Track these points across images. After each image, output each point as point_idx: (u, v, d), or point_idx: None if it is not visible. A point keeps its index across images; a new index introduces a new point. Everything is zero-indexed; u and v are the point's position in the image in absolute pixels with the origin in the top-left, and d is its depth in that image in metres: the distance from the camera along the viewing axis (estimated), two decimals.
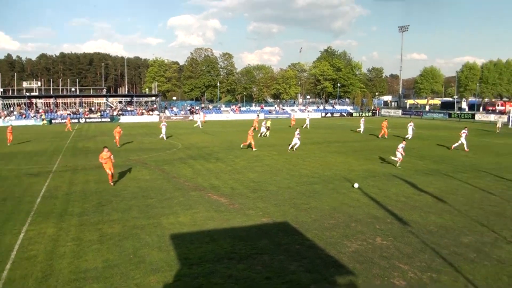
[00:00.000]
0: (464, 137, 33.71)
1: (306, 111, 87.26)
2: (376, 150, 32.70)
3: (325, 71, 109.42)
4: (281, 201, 17.06)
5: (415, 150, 33.35)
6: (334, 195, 18.10)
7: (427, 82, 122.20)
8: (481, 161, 28.23)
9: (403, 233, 13.44)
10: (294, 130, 34.64)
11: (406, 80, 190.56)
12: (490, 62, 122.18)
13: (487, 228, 14.06)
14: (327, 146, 35.42)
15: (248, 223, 14.32)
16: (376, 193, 18.61)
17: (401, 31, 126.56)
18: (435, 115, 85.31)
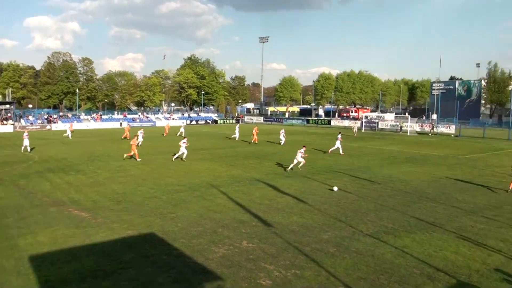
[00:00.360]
0: (339, 142, 36.09)
1: (171, 119, 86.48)
2: (240, 157, 33.54)
3: (189, 79, 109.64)
4: (146, 212, 16.59)
5: (276, 154, 34.90)
6: (201, 202, 18.11)
7: (286, 90, 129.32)
8: (337, 162, 30.53)
9: (267, 234, 13.91)
10: (178, 139, 34.07)
11: (267, 89, 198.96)
12: (344, 72, 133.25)
13: (345, 223, 15.18)
14: (193, 153, 35.38)
15: (112, 237, 13.66)
16: (241, 197, 19.03)
17: (262, 41, 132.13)
18: (294, 121, 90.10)
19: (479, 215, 16.52)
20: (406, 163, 30.69)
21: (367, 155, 35.44)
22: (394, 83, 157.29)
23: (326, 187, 21.42)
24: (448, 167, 29.22)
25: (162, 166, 28.10)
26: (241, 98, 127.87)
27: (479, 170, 28.12)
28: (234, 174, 25.34)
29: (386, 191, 20.85)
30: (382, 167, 28.85)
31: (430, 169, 28.17)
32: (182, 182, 22.67)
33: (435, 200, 18.94)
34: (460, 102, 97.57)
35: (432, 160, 32.57)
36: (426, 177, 24.98)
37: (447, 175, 25.82)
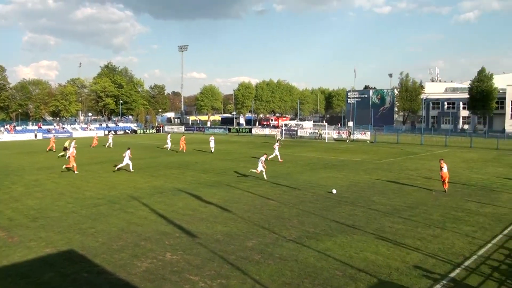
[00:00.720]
0: (277, 149, 36.90)
1: (88, 129, 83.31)
2: (162, 167, 32.99)
3: (106, 88, 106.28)
4: (65, 228, 15.78)
5: (199, 164, 34.71)
6: (121, 215, 17.55)
7: (207, 99, 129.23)
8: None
9: (191, 245, 13.74)
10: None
11: (188, 98, 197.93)
12: (263, 81, 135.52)
13: (269, 230, 15.35)
14: (111, 165, 34.28)
15: (30, 257, 12.84)
16: (164, 209, 18.68)
17: (181, 50, 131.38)
18: (216, 130, 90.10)
19: (396, 216, 17.39)
20: (325, 169, 31.69)
21: (287, 162, 36.17)
22: (312, 92, 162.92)
23: (249, 195, 21.58)
24: (365, 171, 30.54)
25: (80, 179, 26.95)
26: (161, 107, 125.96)
27: (395, 173, 29.63)
28: (155, 185, 24.85)
29: (307, 196, 21.38)
30: (302, 173, 29.57)
31: (348, 174, 29.28)
32: (101, 195, 21.87)
33: (354, 204, 19.69)
34: (374, 110, 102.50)
35: (349, 166, 33.88)
36: (344, 182, 25.93)
37: (365, 179, 26.97)
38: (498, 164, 35.15)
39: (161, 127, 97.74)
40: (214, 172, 29.89)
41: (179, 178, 27.19)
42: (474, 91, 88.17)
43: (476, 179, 27.03)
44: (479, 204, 19.85)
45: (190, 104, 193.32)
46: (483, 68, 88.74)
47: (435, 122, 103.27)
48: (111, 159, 38.47)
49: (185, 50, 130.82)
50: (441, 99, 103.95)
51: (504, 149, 48.84)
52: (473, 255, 12.87)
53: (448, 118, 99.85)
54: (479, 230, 15.51)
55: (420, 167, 33.12)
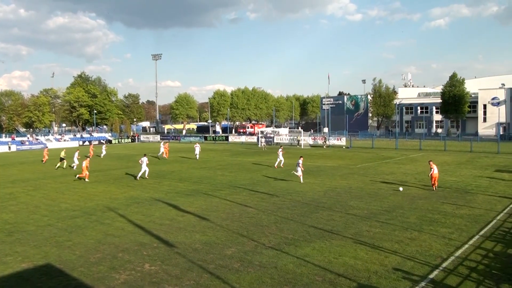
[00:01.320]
0: (281, 155, 37.45)
1: (63, 140, 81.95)
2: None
3: (80, 98, 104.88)
4: (41, 241, 15.47)
5: (175, 173, 34.52)
6: (98, 227, 17.30)
7: (182, 107, 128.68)
8: (236, 178, 30.89)
9: (170, 255, 13.62)
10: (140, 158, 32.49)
11: (163, 106, 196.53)
12: (238, 89, 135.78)
13: (247, 238, 15.34)
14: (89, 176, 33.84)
15: (6, 272, 12.52)
16: (141, 219, 18.50)
17: (155, 59, 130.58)
18: (192, 139, 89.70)
19: (374, 220, 17.57)
20: (302, 175, 31.82)
21: (264, 169, 36.26)
22: (287, 99, 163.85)
23: (227, 203, 21.53)
24: (341, 176, 30.81)
25: (55, 191, 26.49)
26: (136, 117, 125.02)
27: (371, 178, 29.98)
28: (132, 195, 24.60)
29: (285, 203, 21.45)
30: (279, 180, 29.64)
31: (325, 179, 29.50)
32: (77, 207, 21.53)
33: (331, 209, 19.83)
34: (349, 115, 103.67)
35: (326, 171, 34.14)
36: (321, 187, 26.11)
37: (341, 184, 27.21)
38: (472, 167, 35.91)
39: (136, 137, 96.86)
40: (191, 181, 29.76)
41: (155, 188, 26.98)
42: (446, 95, 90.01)
43: (451, 182, 27.53)
44: (454, 206, 20.21)
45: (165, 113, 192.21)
46: (455, 73, 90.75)
47: (409, 127, 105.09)
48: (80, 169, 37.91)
49: (159, 59, 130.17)
50: (414, 104, 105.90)
51: (477, 151, 49.98)
52: (450, 256, 13.08)
53: (421, 123, 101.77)
54: (455, 231, 15.79)
55: (396, 171, 33.59)
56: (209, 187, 26.99)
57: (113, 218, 18.79)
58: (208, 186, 27.39)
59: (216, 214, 19.21)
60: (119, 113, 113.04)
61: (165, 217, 18.72)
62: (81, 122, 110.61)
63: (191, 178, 31.53)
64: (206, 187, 26.98)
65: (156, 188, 27.06)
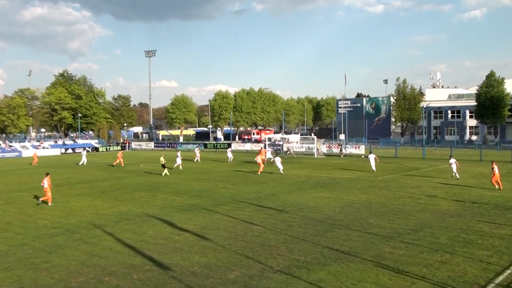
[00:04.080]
0: (372, 157, 41.19)
1: (41, 147, 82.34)
2: (129, 189, 32.71)
3: (62, 99, 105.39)
4: (14, 263, 15.44)
5: (171, 185, 34.52)
6: (82, 247, 17.27)
7: (179, 111, 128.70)
8: (241, 191, 30.86)
9: (164, 279, 13.56)
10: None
11: (157, 109, 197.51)
12: (242, 90, 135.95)
13: (253, 260, 15.25)
14: (69, 188, 33.90)
15: None
16: (132, 238, 18.45)
17: (148, 55, 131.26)
18: (190, 146, 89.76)
19: (398, 240, 17.42)
20: (315, 188, 31.76)
21: (272, 181, 36.21)
22: (298, 102, 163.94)
23: (230, 220, 21.46)
24: (360, 190, 30.68)
25: (31, 205, 26.54)
26: (127, 121, 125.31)
27: (394, 192, 29.82)
28: (122, 210, 24.59)
29: (296, 220, 21.35)
30: (289, 194, 29.58)
31: (341, 193, 29.38)
32: (57, 223, 21.52)
33: (348, 227, 19.70)
34: (368, 120, 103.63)
35: (342, 184, 34.02)
36: (337, 202, 25.98)
37: (360, 199, 27.07)
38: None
39: (126, 144, 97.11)
40: (189, 195, 29.73)
41: (148, 202, 26.96)
42: (482, 97, 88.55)
43: (489, 197, 27.24)
44: (493, 225, 20.00)
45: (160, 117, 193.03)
46: (492, 72, 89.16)
47: (438, 133, 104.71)
48: (69, 181, 38.03)
49: (152, 56, 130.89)
50: (444, 107, 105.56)
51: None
52: (489, 283, 12.90)
53: (452, 129, 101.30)
54: (494, 254, 15.60)
55: (423, 184, 33.41)
56: (209, 201, 26.94)
57: (100, 237, 18.75)
58: (208, 200, 27.34)
59: (217, 232, 19.13)
60: (107, 117, 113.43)
61: (159, 236, 18.66)
62: (64, 127, 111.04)
63: (189, 191, 31.50)
64: (206, 201, 26.92)
65: (149, 202, 27.03)
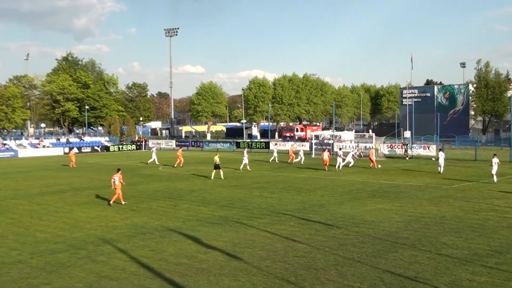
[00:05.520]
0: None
1: (41, 146, 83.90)
2: (145, 197, 33.06)
3: (66, 88, 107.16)
4: (7, 284, 15.79)
5: (196, 193, 34.74)
6: (89, 266, 17.53)
7: (206, 102, 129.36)
8: (281, 201, 30.89)
9: None
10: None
11: (179, 101, 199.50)
12: (283, 77, 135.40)
13: (296, 285, 15.22)
14: (75, 195, 34.47)
15: None
16: (149, 256, 18.63)
17: (169, 35, 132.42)
18: (219, 146, 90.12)
19: (478, 264, 17.12)
20: (374, 198, 31.50)
21: (319, 188, 36.09)
22: (352, 91, 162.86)
23: (267, 236, 21.46)
24: (429, 201, 30.28)
25: (30, 216, 27.08)
26: (143, 115, 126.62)
27: (473, 203, 29.34)
28: (137, 222, 24.87)
29: (349, 237, 21.21)
30: (341, 204, 29.43)
31: (406, 205, 29.05)
32: (60, 237, 21.90)
33: (415, 247, 19.46)
34: (441, 113, 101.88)
35: (407, 193, 33.65)
36: (401, 216, 25.71)
37: (430, 212, 26.72)
38: None
39: (143, 142, 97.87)
40: (218, 204, 29.88)
41: (169, 213, 27.20)
42: None
43: None
44: None
45: (182, 110, 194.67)
46: None
47: None
48: (73, 187, 38.69)
49: (174, 35, 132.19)
50: None
51: None
52: None
53: None
54: None
55: (511, 194, 32.80)
56: (242, 213, 27.02)
57: (110, 254, 18.99)
58: (242, 211, 27.41)
59: (252, 251, 19.16)
60: (119, 109, 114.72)
61: (181, 254, 18.80)
62: (68, 122, 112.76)
63: (218, 200, 31.66)
64: (238, 213, 27.01)
65: (170, 213, 27.28)
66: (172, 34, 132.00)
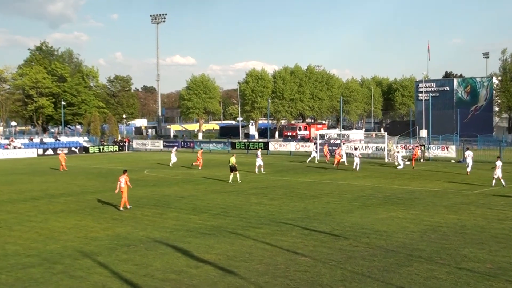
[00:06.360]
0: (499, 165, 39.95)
1: (11, 146, 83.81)
2: (129, 204, 33.05)
3: (39, 82, 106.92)
4: None
5: (186, 199, 34.76)
6: (65, 282, 17.54)
7: (197, 97, 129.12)
8: (281, 208, 30.97)
9: None
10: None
11: (168, 96, 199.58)
12: (284, 69, 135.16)
13: None
14: (49, 202, 34.43)
15: None
16: (133, 271, 18.62)
17: (156, 21, 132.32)
18: (212, 146, 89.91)
19: (503, 280, 17.16)
20: (386, 206, 31.53)
21: (325, 194, 36.14)
22: (362, 84, 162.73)
23: (266, 248, 21.47)
24: (448, 208, 30.33)
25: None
26: (126, 112, 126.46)
27: (498, 211, 29.39)
28: (119, 233, 24.88)
29: (358, 249, 21.24)
30: (349, 212, 29.46)
31: (422, 213, 29.09)
32: (33, 250, 21.89)
33: (432, 260, 19.49)
34: (461, 110, 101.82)
35: (424, 199, 33.70)
36: (416, 225, 25.73)
37: (449, 221, 26.76)
38: None
39: (126, 142, 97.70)
40: (211, 213, 29.89)
41: (155, 223, 27.20)
42: None
43: None
44: None
45: (171, 106, 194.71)
46: None
47: None
48: (48, 193, 38.64)
49: (162, 22, 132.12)
50: None
51: None
52: None
53: None
54: None
55: None
56: (238, 222, 27.03)
57: (89, 269, 18.98)
58: (237, 220, 27.43)
59: (249, 265, 19.17)
60: (100, 105, 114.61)
61: (169, 269, 18.80)
62: (42, 120, 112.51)
63: (211, 207, 31.68)
64: (233, 222, 27.02)
65: (157, 223, 27.28)
66: (159, 21, 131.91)
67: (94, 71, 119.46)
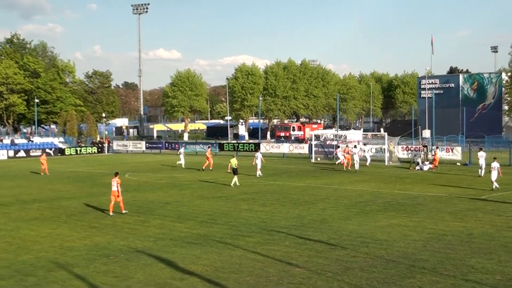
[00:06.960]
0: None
1: None
2: (107, 208, 32.98)
3: (10, 77, 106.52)
4: None
5: (171, 205, 34.74)
6: None
7: (183, 95, 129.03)
8: (274, 215, 31.07)
9: None
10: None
11: (150, 93, 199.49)
12: (277, 64, 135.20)
13: None
14: (21, 209, 34.34)
15: None
16: (112, 283, 18.60)
17: (137, 12, 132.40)
18: (198, 148, 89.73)
19: None
20: (386, 212, 31.60)
21: (321, 200, 36.20)
22: (360, 81, 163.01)
23: (257, 259, 21.47)
24: (454, 215, 30.42)
25: None
26: (106, 110, 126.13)
27: (507, 218, 29.50)
28: (98, 242, 24.83)
29: (356, 260, 21.27)
30: (347, 220, 29.51)
31: (425, 220, 29.18)
32: (2, 261, 21.83)
33: (436, 271, 19.55)
34: (467, 108, 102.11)
35: (427, 205, 33.80)
36: (419, 233, 25.80)
37: (454, 228, 26.85)
38: None
39: (106, 143, 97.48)
40: (197, 220, 29.89)
41: (137, 231, 27.18)
42: None
43: None
44: None
45: (154, 104, 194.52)
46: None
47: None
48: (19, 199, 38.53)
49: (144, 12, 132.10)
50: None
51: None
52: None
53: None
54: None
55: None
56: (226, 230, 27.03)
57: (65, 281, 18.93)
58: (226, 228, 27.43)
59: (239, 277, 19.18)
60: (77, 103, 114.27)
61: (152, 281, 18.79)
62: (13, 119, 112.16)
63: (197, 214, 31.67)
64: (222, 230, 27.03)
65: (139, 231, 27.25)
66: (141, 11, 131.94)
67: (70, 65, 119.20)
